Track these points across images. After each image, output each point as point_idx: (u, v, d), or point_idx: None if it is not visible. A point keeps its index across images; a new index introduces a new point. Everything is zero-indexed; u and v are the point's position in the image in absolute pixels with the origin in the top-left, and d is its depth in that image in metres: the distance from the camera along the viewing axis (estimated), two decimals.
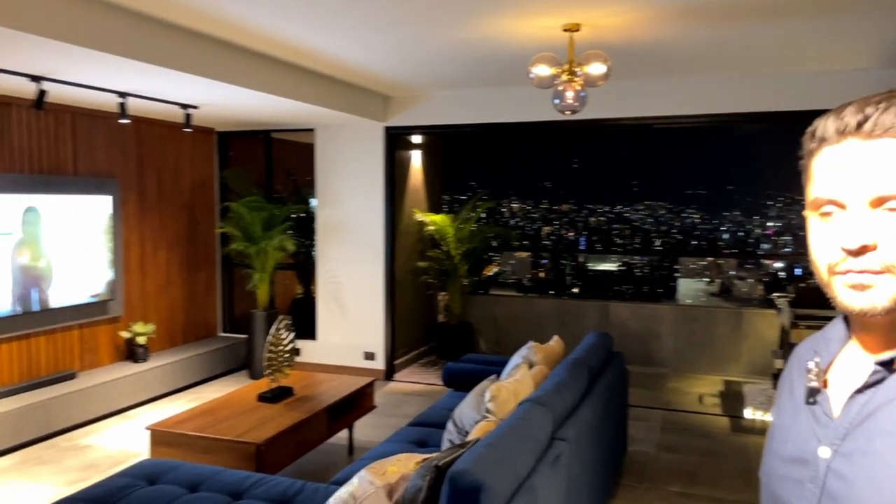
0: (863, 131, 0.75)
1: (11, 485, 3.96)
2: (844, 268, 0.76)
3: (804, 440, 0.82)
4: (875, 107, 0.75)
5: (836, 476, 0.77)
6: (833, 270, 0.77)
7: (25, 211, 4.69)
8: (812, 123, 0.81)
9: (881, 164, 0.74)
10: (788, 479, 0.84)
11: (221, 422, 3.66)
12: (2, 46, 3.31)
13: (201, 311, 6.61)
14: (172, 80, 4.20)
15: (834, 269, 0.77)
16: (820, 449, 0.79)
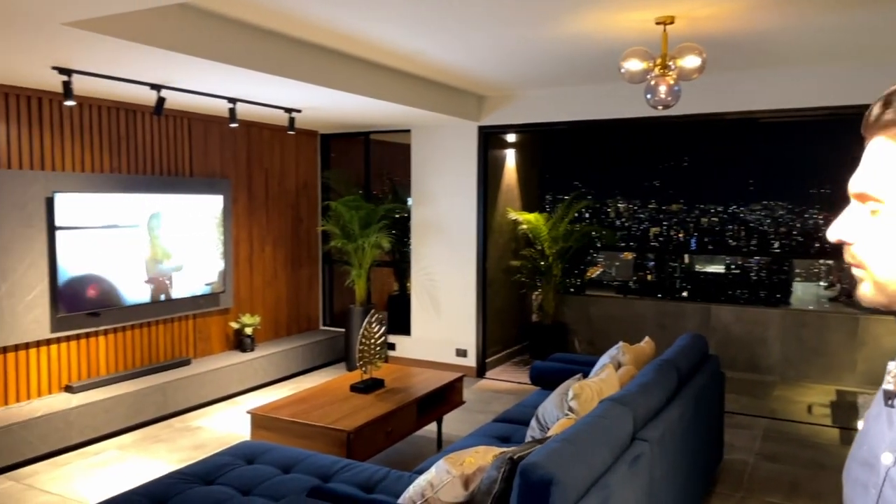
0: (867, 125, 0.75)
1: (131, 459, 4.34)
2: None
3: (875, 444, 0.80)
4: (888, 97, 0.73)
5: (891, 484, 0.74)
6: None
7: (149, 208, 5.11)
8: None
9: (869, 160, 0.74)
10: (858, 483, 0.82)
11: (316, 409, 3.84)
12: (126, 58, 3.64)
13: (304, 304, 6.93)
14: (278, 86, 4.45)
15: None
16: (884, 455, 0.76)
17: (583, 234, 7.27)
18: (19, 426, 4.14)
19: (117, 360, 5.10)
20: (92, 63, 3.75)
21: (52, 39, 3.22)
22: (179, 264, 5.38)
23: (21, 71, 3.95)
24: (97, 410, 4.59)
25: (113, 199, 4.85)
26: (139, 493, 2.78)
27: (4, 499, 3.74)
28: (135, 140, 5.17)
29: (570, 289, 7.53)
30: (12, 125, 4.38)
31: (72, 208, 4.58)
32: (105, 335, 5.01)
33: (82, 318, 4.75)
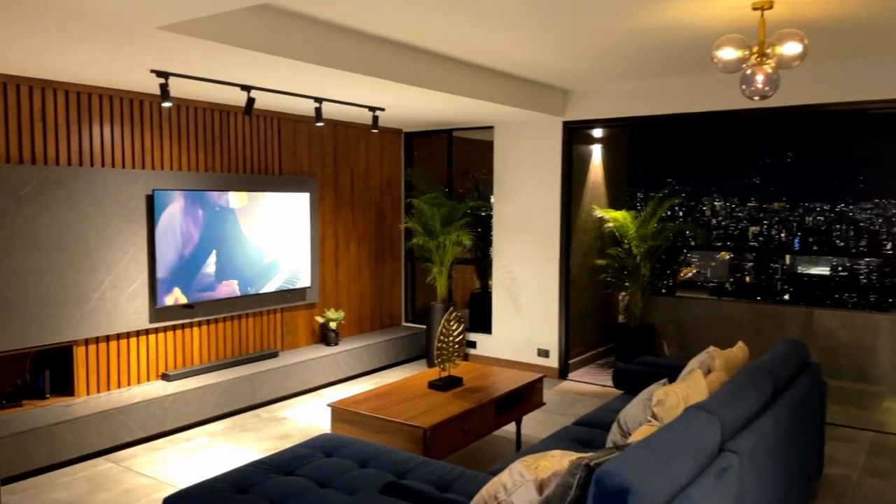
0: None
1: (220, 446, 4.52)
2: None
3: None
4: None
5: None
6: None
7: (240, 205, 5.31)
8: None
9: None
10: None
11: (394, 405, 3.87)
12: (217, 60, 3.78)
13: (387, 301, 7.02)
14: (362, 85, 4.51)
15: None
16: None
17: (673, 232, 6.98)
18: (119, 411, 4.40)
19: (210, 350, 5.33)
20: (186, 66, 3.92)
21: (148, 43, 3.37)
22: (268, 259, 5.55)
23: (123, 75, 4.18)
24: (190, 398, 4.81)
25: (207, 196, 5.06)
26: (223, 479, 2.87)
27: (103, 479, 3.97)
28: (228, 140, 5.38)
29: (662, 290, 7.25)
30: (116, 127, 4.65)
31: (170, 204, 4.81)
32: (199, 326, 5.25)
33: (178, 309, 4.99)
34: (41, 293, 4.25)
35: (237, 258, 5.32)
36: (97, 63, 3.87)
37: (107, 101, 4.59)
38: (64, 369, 4.53)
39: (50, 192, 4.26)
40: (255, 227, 5.44)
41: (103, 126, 4.59)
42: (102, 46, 3.45)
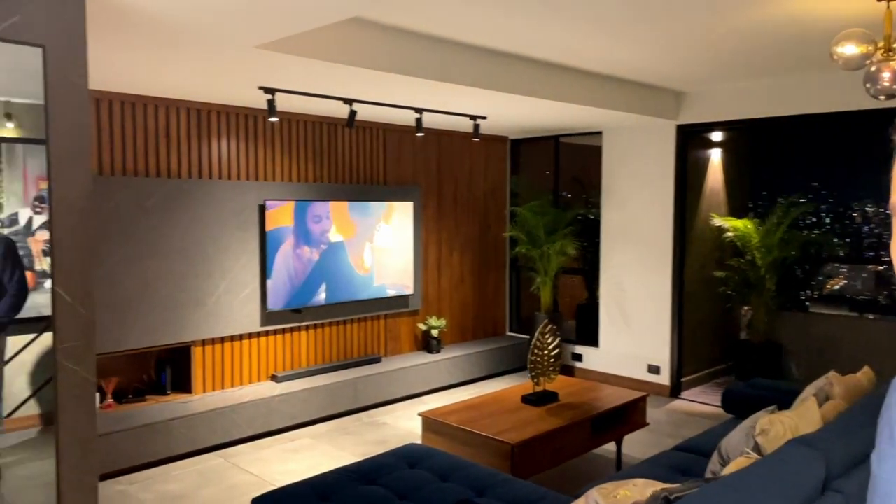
0: None
1: (322, 448, 4.66)
2: None
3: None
4: None
5: None
6: None
7: (346, 214, 5.48)
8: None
9: None
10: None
11: (484, 418, 3.81)
12: (318, 76, 3.91)
13: (490, 310, 6.98)
14: (462, 94, 4.51)
15: None
16: None
17: (804, 242, 6.42)
18: (230, 409, 4.65)
19: (316, 354, 5.53)
20: (290, 82, 4.09)
21: (252, 62, 3.55)
22: (373, 266, 5.68)
23: (235, 92, 4.44)
24: (296, 400, 5.00)
25: (314, 205, 5.26)
26: (307, 484, 2.94)
27: (212, 474, 4.21)
28: (335, 151, 5.57)
29: (792, 304, 6.70)
30: (231, 141, 4.94)
31: (280, 214, 5.05)
32: (306, 330, 5.46)
33: (287, 314, 5.21)
34: (164, 296, 4.58)
35: (342, 267, 5.49)
36: (212, 82, 4.13)
37: (224, 118, 4.90)
38: (183, 368, 4.86)
39: (172, 203, 4.59)
40: (360, 235, 5.59)
41: (220, 141, 4.89)
42: (214, 66, 3.68)
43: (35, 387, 3.05)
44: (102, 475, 4.00)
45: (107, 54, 3.35)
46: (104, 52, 3.27)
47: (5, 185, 3.01)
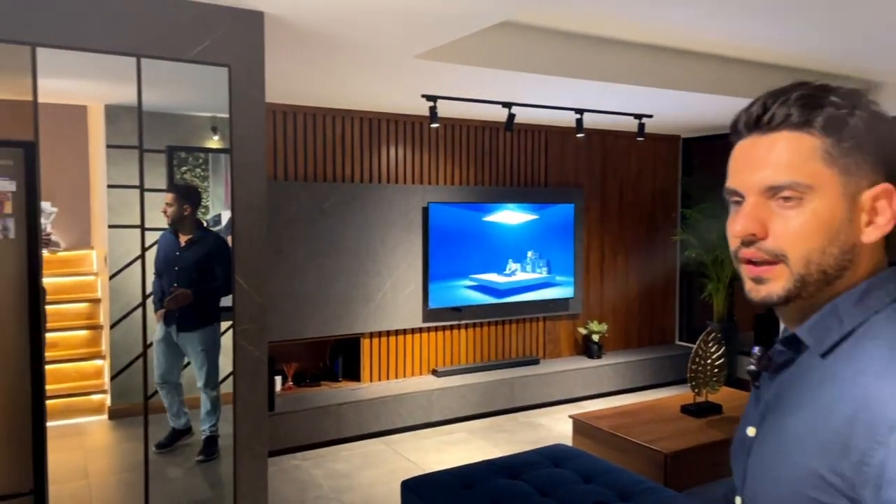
0: (762, 124, 0.79)
1: (476, 442, 4.79)
2: (742, 256, 0.80)
3: (747, 421, 0.88)
4: (775, 99, 0.78)
5: (754, 454, 0.82)
6: (737, 258, 0.82)
7: (508, 217, 5.58)
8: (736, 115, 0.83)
9: (774, 155, 0.77)
10: (735, 455, 0.90)
11: (638, 425, 3.70)
12: (476, 81, 4.05)
13: (657, 317, 6.70)
14: (624, 93, 4.42)
15: (737, 256, 0.81)
16: (749, 429, 0.85)
17: None
18: (393, 399, 4.93)
19: (475, 352, 5.68)
20: (449, 88, 4.27)
21: (414, 71, 3.76)
22: (531, 269, 5.72)
23: (401, 101, 4.71)
24: (455, 395, 5.18)
25: (476, 207, 5.42)
26: (454, 473, 3.06)
27: (375, 458, 4.49)
28: (496, 154, 5.69)
29: None
30: (399, 147, 5.25)
31: (442, 216, 5.27)
32: (465, 329, 5.63)
33: (447, 312, 5.42)
34: (337, 291, 4.98)
35: (502, 266, 5.59)
36: (380, 92, 4.43)
37: (392, 125, 5.21)
38: (354, 357, 5.24)
39: (346, 206, 4.98)
40: (521, 237, 5.66)
41: (388, 147, 5.21)
42: (380, 78, 3.95)
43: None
44: (280, 450, 4.45)
45: (288, 71, 3.73)
46: (285, 68, 3.65)
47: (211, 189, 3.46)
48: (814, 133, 0.77)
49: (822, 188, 0.76)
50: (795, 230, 0.76)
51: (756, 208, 0.78)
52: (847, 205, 0.77)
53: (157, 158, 2.85)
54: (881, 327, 0.75)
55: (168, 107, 2.94)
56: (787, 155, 0.77)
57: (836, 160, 0.76)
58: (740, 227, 0.78)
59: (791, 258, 0.77)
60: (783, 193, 0.77)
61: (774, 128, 0.78)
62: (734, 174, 0.82)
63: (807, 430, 0.75)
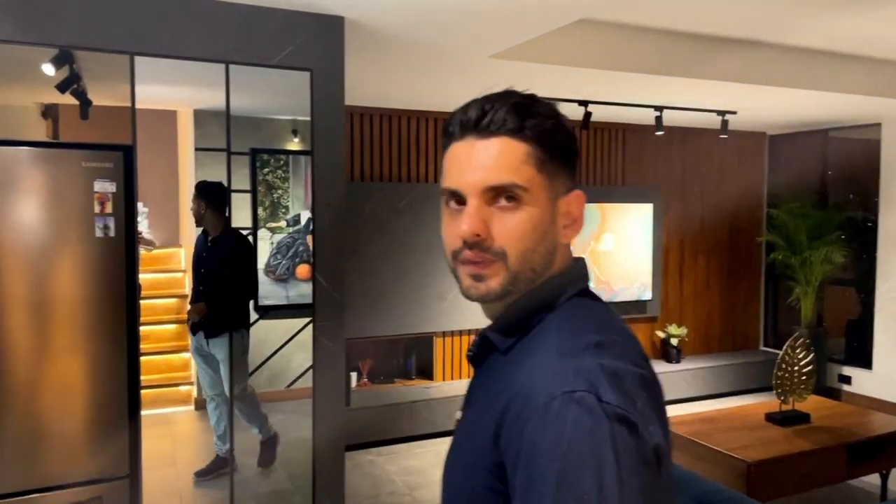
0: (480, 127, 0.81)
1: None
2: (464, 257, 0.81)
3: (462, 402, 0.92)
4: (492, 105, 0.81)
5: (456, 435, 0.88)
6: (456, 258, 0.83)
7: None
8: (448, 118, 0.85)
9: (494, 158, 0.80)
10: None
11: (720, 432, 3.58)
12: (551, 80, 4.01)
13: (740, 321, 6.45)
14: (706, 89, 4.28)
15: (457, 257, 0.82)
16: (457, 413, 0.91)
17: None
18: None
19: None
20: (524, 87, 4.22)
21: (487, 71, 3.76)
22: (606, 269, 5.62)
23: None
24: None
25: None
26: None
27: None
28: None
29: None
30: None
31: None
32: None
33: None
34: (410, 290, 5.04)
35: None
36: (455, 93, 4.45)
37: None
38: (427, 356, 5.29)
39: (420, 205, 5.03)
40: (595, 237, 5.57)
41: None
42: (455, 78, 3.98)
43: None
44: (356, 445, 4.54)
45: (365, 74, 3.80)
46: (363, 72, 3.72)
47: (291, 190, 3.57)
48: (527, 140, 0.81)
49: (535, 191, 0.81)
50: (513, 230, 0.80)
51: (479, 210, 0.80)
52: (552, 208, 0.83)
53: (241, 160, 2.95)
54: (555, 320, 0.82)
55: (252, 111, 3.04)
56: (506, 158, 0.80)
57: (544, 166, 0.82)
58: (467, 229, 0.80)
59: (510, 256, 0.80)
60: (503, 195, 0.80)
61: (493, 132, 0.81)
62: (454, 175, 0.83)
63: (477, 419, 0.81)
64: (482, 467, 0.77)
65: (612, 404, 0.71)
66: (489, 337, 0.86)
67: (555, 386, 0.72)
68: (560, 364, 0.75)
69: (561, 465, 0.68)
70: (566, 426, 0.69)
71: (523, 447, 0.72)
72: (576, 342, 0.78)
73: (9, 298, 2.23)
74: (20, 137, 2.31)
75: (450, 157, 0.85)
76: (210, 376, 3.07)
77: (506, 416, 0.75)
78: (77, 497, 2.33)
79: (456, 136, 0.84)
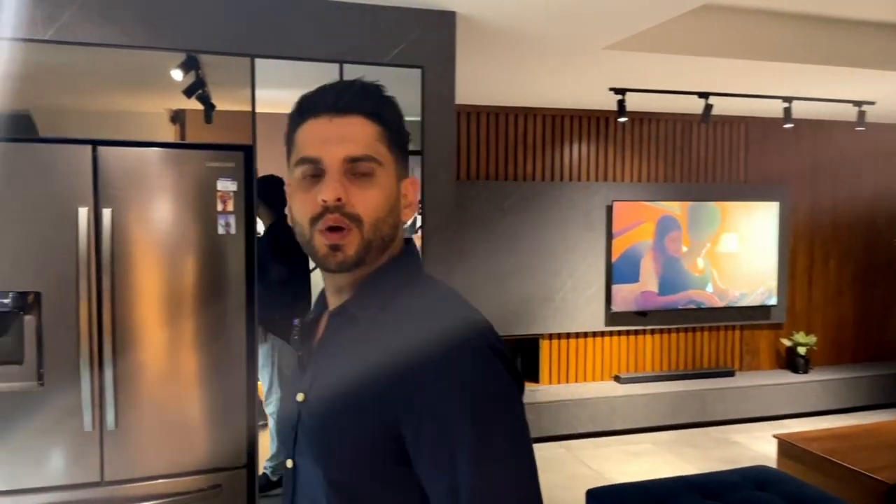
0: (339, 107, 0.90)
1: (663, 456, 4.52)
2: (324, 223, 0.88)
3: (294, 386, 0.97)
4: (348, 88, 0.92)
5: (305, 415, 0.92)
6: (314, 225, 0.88)
7: (701, 216, 5.22)
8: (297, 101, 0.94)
9: (353, 132, 0.89)
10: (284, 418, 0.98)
11: (856, 451, 3.27)
12: (670, 71, 3.81)
13: (876, 329, 5.90)
14: (842, 78, 3.94)
15: (315, 224, 0.88)
16: (298, 395, 0.94)
17: None
18: (573, 403, 4.81)
19: (661, 359, 5.37)
20: (640, 80, 4.06)
21: (602, 63, 3.62)
22: (726, 272, 5.30)
23: (585, 96, 4.57)
24: (639, 404, 4.94)
25: (665, 206, 5.13)
26: (643, 487, 2.90)
27: (554, 462, 4.40)
28: (688, 149, 5.34)
29: None
30: (583, 144, 5.11)
31: (626, 214, 5.04)
32: (651, 334, 5.34)
33: (631, 316, 5.18)
34: (515, 290, 4.96)
35: (691, 269, 5.23)
36: (565, 88, 4.33)
37: (575, 121, 5.08)
38: (532, 358, 5.19)
39: (526, 204, 4.94)
40: (713, 238, 5.26)
41: (571, 144, 5.09)
42: (567, 72, 3.86)
43: None
44: None
45: (473, 71, 3.76)
46: (471, 69, 3.68)
47: None
48: (380, 122, 0.90)
49: (387, 166, 0.90)
50: (369, 200, 0.88)
51: (341, 178, 0.87)
52: (397, 187, 0.92)
53: None
54: (426, 289, 0.93)
55: None
56: (363, 134, 0.89)
57: (392, 147, 0.92)
58: (331, 194, 0.86)
59: (365, 223, 0.88)
60: (360, 166, 0.88)
61: (350, 112, 0.89)
62: (314, 146, 0.89)
63: (351, 391, 0.85)
64: (371, 432, 0.82)
65: (501, 349, 0.84)
66: (349, 309, 0.92)
67: (452, 339, 0.82)
68: (449, 321, 0.85)
69: (472, 403, 0.79)
70: (469, 370, 0.80)
71: (433, 399, 0.79)
72: (454, 305, 0.89)
73: (141, 292, 2.35)
74: (152, 139, 2.44)
75: (307, 132, 0.91)
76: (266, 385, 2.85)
77: (403, 380, 0.81)
78: (198, 485, 2.42)
79: (311, 114, 0.90)
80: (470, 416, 0.78)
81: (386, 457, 0.82)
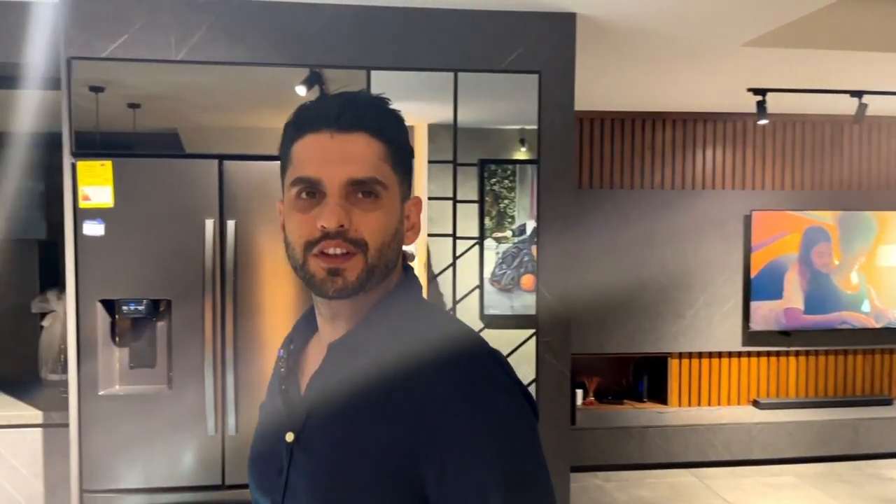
0: (341, 122, 0.81)
1: (808, 491, 4.09)
2: (321, 248, 0.81)
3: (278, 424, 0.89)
4: (351, 101, 0.83)
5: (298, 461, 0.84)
6: (309, 250, 0.82)
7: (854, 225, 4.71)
8: (294, 112, 0.86)
9: (358, 152, 0.81)
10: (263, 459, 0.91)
11: None
12: (821, 69, 3.47)
13: None
14: None
15: (310, 249, 0.81)
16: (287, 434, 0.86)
17: None
18: (705, 429, 4.47)
19: (807, 384, 4.89)
20: (783, 79, 3.72)
21: (738, 62, 3.34)
22: (889, 290, 4.74)
23: (721, 98, 4.26)
24: (781, 432, 4.51)
25: (811, 216, 4.68)
26: None
27: (684, 491, 4.10)
28: (838, 154, 4.84)
29: None
30: (717, 149, 4.77)
31: (767, 224, 4.64)
32: (796, 356, 4.88)
33: (773, 335, 4.76)
34: (643, 305, 4.70)
35: (842, 285, 4.72)
36: (697, 90, 4.06)
37: (709, 126, 4.76)
38: (659, 378, 4.89)
39: (654, 213, 4.67)
40: (869, 251, 4.73)
41: (703, 149, 4.77)
42: (699, 73, 3.61)
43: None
44: (582, 467, 4.31)
45: (595, 76, 3.60)
46: (593, 74, 3.52)
47: (517, 200, 3.49)
48: (384, 139, 0.83)
49: (391, 188, 0.83)
50: (374, 223, 0.82)
51: (342, 201, 0.81)
52: (400, 209, 0.86)
53: (470, 171, 2.93)
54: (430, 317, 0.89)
55: (481, 122, 3.00)
56: (367, 153, 0.82)
57: (396, 166, 0.84)
58: (333, 220, 0.80)
59: (371, 248, 0.81)
60: (365, 188, 0.81)
61: (354, 128, 0.81)
62: (313, 165, 0.82)
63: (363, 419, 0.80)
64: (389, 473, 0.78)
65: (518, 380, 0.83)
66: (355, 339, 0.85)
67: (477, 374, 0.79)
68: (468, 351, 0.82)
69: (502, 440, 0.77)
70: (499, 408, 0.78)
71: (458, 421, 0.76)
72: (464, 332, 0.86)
73: (263, 300, 2.42)
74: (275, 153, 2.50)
75: (305, 148, 0.83)
76: None
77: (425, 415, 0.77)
78: None
79: (310, 128, 0.83)
80: (498, 452, 0.76)
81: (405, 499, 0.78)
